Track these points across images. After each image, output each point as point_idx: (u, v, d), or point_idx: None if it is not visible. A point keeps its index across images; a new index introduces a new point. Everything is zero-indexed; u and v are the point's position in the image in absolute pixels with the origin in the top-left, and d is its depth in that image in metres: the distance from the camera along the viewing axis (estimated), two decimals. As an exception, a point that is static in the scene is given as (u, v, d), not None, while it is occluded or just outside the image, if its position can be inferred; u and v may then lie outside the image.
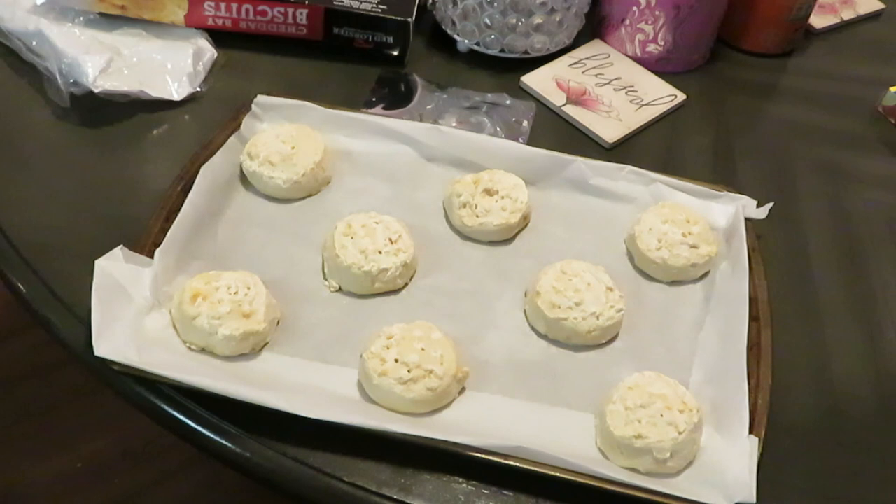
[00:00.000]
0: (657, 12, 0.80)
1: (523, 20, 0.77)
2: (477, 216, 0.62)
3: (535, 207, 0.65)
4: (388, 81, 0.77)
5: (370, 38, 0.77)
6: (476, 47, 0.80)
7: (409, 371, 0.50)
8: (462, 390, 0.53)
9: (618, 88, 0.80)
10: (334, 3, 0.75)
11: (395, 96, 0.75)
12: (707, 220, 0.64)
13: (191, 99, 0.72)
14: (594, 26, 0.86)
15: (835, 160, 0.77)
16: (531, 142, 0.73)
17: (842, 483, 0.53)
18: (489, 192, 0.63)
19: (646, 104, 0.79)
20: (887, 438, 0.56)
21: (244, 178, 0.65)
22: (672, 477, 0.50)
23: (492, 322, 0.58)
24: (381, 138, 0.68)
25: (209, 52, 0.75)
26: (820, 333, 0.62)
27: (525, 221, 0.65)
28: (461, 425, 0.51)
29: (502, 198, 0.63)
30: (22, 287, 0.56)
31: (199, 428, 0.50)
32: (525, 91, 0.79)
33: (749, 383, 0.53)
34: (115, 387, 0.52)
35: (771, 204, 0.65)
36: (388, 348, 0.51)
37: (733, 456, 0.50)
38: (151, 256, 0.55)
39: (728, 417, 0.52)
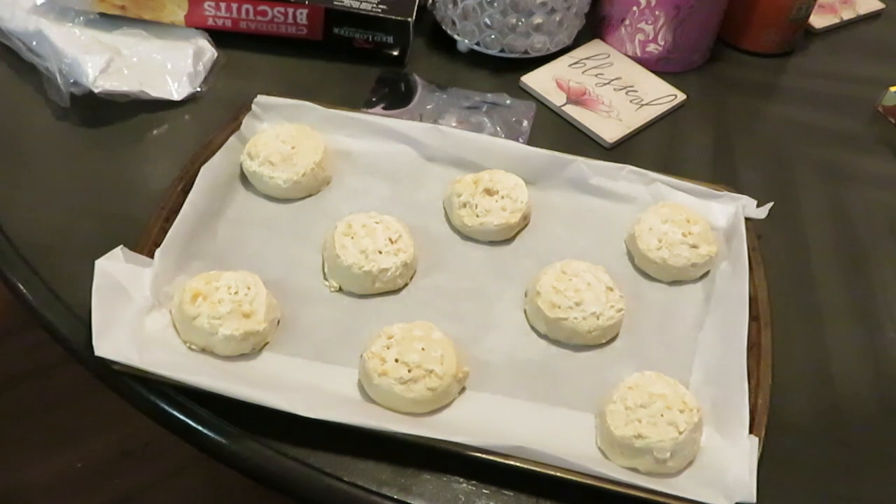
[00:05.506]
0: (657, 12, 0.80)
1: (523, 20, 0.77)
2: (477, 216, 0.62)
3: (535, 207, 0.65)
4: (388, 81, 0.77)
5: (370, 38, 0.77)
6: (476, 47, 0.80)
7: (409, 371, 0.50)
8: (462, 390, 0.53)
9: (618, 88, 0.80)
10: (334, 3, 0.75)
11: (395, 96, 0.75)
12: (707, 220, 0.64)
13: (191, 99, 0.72)
14: (594, 26, 0.86)
15: (835, 160, 0.77)
16: (531, 142, 0.73)
17: (842, 483, 0.53)
18: (489, 192, 0.63)
19: (646, 104, 0.79)
20: (887, 438, 0.56)
21: (244, 178, 0.65)
22: (672, 477, 0.50)
23: (492, 322, 0.58)
24: (381, 138, 0.68)
25: (209, 52, 0.75)
26: (820, 333, 0.62)
27: (525, 221, 0.65)
28: (461, 425, 0.51)
29: (502, 198, 0.63)
30: (22, 287, 0.56)
31: (199, 428, 0.50)
32: (525, 91, 0.79)
33: (749, 383, 0.53)
34: (115, 387, 0.52)
35: (771, 204, 0.65)
36: (388, 348, 0.51)
37: (733, 456, 0.50)
38: (151, 256, 0.55)
39: (728, 417, 0.52)
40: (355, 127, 0.68)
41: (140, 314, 0.53)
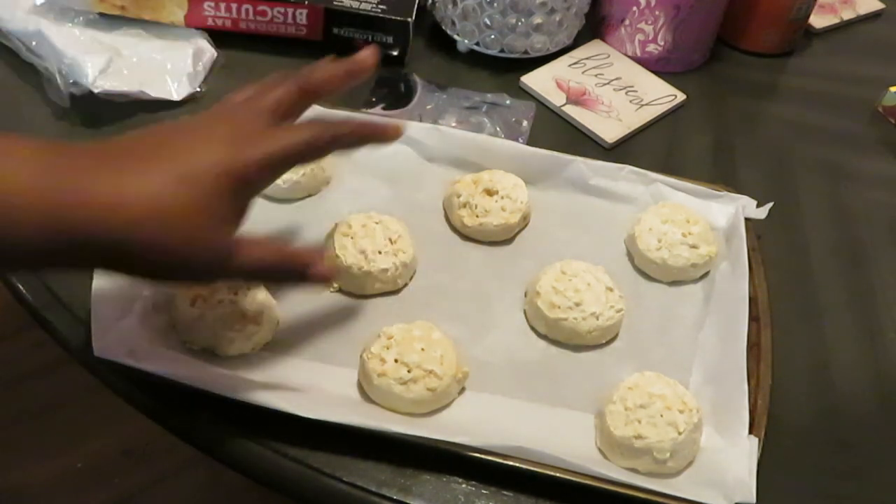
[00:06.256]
0: (657, 12, 0.80)
1: (523, 20, 0.77)
2: (477, 216, 0.62)
3: (535, 207, 0.65)
4: (388, 81, 0.77)
5: (370, 38, 0.77)
6: (476, 47, 0.80)
7: (408, 371, 0.50)
8: (462, 390, 0.53)
9: (618, 88, 0.80)
10: (334, 3, 0.75)
11: (395, 96, 0.75)
12: (707, 221, 0.64)
13: (191, 99, 0.72)
14: (594, 26, 0.86)
15: (835, 160, 0.77)
16: (531, 142, 0.73)
17: (842, 483, 0.53)
18: (489, 192, 0.63)
19: (646, 104, 0.79)
20: (887, 438, 0.56)
21: (244, 179, 0.65)
22: (672, 477, 0.50)
23: (492, 322, 0.58)
24: (381, 138, 0.68)
25: (209, 52, 0.75)
26: (820, 333, 0.62)
27: (525, 221, 0.65)
28: (461, 425, 0.51)
29: (502, 198, 0.63)
30: (22, 287, 0.56)
31: (199, 428, 0.50)
32: (525, 91, 0.79)
33: (749, 383, 0.53)
34: (115, 387, 0.52)
35: (771, 204, 0.65)
36: (387, 348, 0.51)
37: (733, 456, 0.50)
38: (151, 256, 0.55)
39: (728, 417, 0.52)
40: (355, 127, 0.68)
41: (140, 314, 0.53)
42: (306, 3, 0.75)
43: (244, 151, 0.44)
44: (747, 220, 0.64)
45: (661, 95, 0.80)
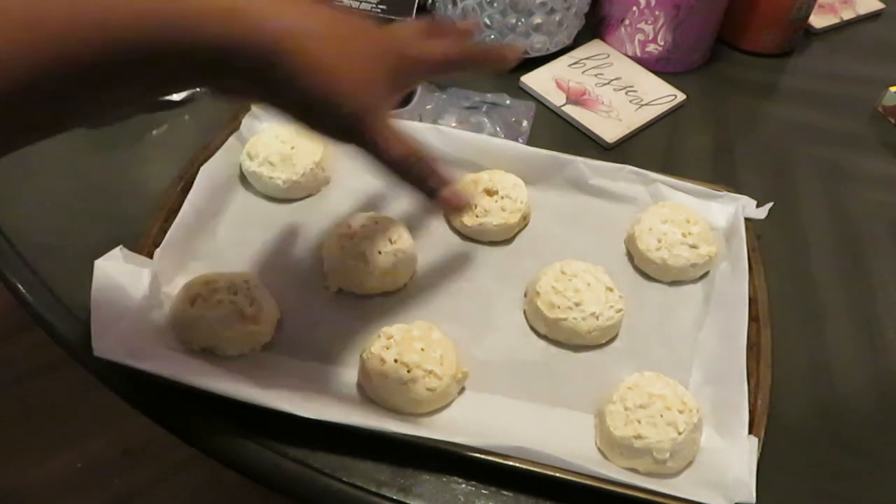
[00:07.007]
0: (657, 12, 0.80)
1: (523, 20, 0.77)
2: (477, 216, 0.62)
3: (534, 207, 0.65)
4: (387, 81, 0.77)
5: (370, 38, 0.77)
6: (476, 47, 0.80)
7: (408, 371, 0.50)
8: (462, 390, 0.53)
9: (618, 88, 0.80)
10: (334, 3, 0.75)
11: (394, 96, 0.75)
12: (707, 221, 0.64)
13: (190, 99, 0.72)
14: (594, 26, 0.86)
15: (835, 160, 0.77)
16: (531, 142, 0.73)
17: (841, 483, 0.53)
18: (489, 192, 0.63)
19: (646, 104, 0.79)
20: (887, 438, 0.56)
21: (244, 179, 0.65)
22: (672, 477, 0.50)
23: (492, 322, 0.58)
24: (380, 138, 0.68)
25: (209, 52, 0.75)
26: (820, 333, 0.62)
27: (525, 221, 0.65)
28: (461, 425, 0.51)
29: (502, 198, 0.63)
30: (22, 287, 0.56)
31: (199, 428, 0.50)
32: (525, 91, 0.79)
33: (749, 383, 0.53)
34: (114, 387, 0.52)
35: (771, 204, 0.65)
36: (387, 348, 0.51)
37: (733, 456, 0.50)
38: (151, 256, 0.55)
39: (728, 417, 0.52)
40: (355, 127, 0.68)
41: (139, 314, 0.53)
42: (306, 3, 0.75)
43: (411, 43, 0.48)
44: (747, 220, 0.64)
45: (660, 95, 0.80)
